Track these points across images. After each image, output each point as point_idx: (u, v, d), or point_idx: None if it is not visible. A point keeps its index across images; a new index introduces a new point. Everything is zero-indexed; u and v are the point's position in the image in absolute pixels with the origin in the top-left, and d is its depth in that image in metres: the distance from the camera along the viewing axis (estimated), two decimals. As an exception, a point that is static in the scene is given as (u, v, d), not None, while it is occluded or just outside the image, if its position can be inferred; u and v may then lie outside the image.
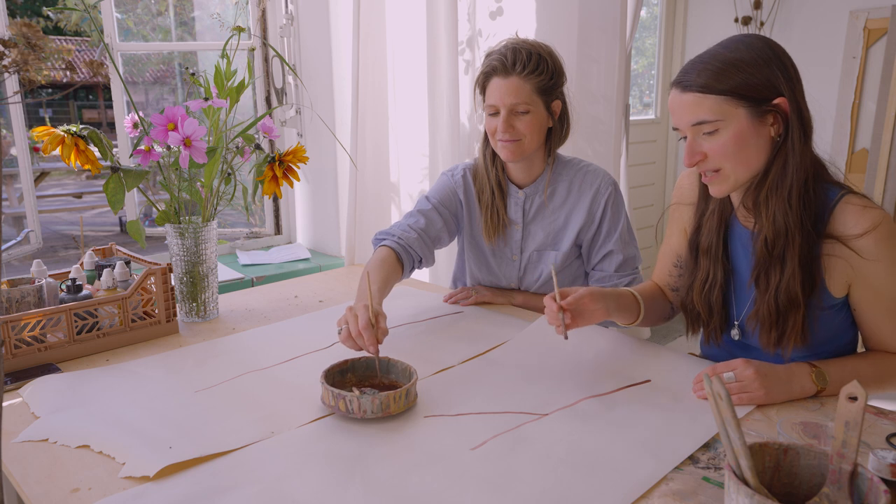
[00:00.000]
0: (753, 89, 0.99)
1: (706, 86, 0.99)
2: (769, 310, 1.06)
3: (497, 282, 1.58)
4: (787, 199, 1.01)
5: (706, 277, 1.16)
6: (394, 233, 1.47)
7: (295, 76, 2.51)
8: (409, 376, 1.06)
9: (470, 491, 0.81)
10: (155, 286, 1.36)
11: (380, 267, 1.36)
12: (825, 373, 1.02)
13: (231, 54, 1.45)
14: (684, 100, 1.02)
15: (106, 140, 1.32)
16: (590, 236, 1.47)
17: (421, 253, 1.47)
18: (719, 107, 0.99)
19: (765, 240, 1.04)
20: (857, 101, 2.96)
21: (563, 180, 1.49)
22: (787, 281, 1.03)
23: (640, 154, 3.60)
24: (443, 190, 1.56)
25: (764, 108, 1.00)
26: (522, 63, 1.35)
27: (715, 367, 1.06)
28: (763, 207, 1.04)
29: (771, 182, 1.03)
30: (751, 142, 1.01)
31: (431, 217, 1.51)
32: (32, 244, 2.26)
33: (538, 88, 1.37)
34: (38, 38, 0.54)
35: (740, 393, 1.01)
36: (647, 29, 3.71)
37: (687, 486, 0.81)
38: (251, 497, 0.80)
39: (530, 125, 1.38)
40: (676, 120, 1.05)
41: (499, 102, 1.38)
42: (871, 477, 0.63)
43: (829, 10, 2.97)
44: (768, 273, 1.06)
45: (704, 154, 1.03)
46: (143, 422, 0.99)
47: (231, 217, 3.05)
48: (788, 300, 1.04)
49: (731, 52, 1.00)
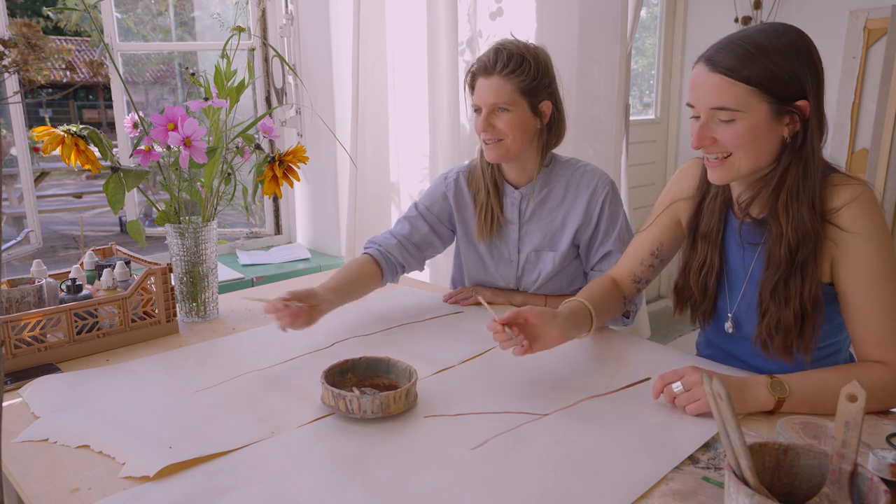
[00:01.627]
0: (782, 86, 0.97)
1: (736, 70, 0.96)
2: (795, 317, 1.03)
3: (495, 283, 1.58)
4: (811, 204, 1.00)
5: (703, 261, 1.15)
6: (377, 240, 1.53)
7: (295, 76, 2.51)
8: (409, 376, 1.06)
9: (470, 491, 0.81)
10: (155, 286, 1.36)
11: (344, 270, 1.44)
12: (784, 383, 0.97)
13: (231, 54, 1.45)
14: (710, 80, 0.99)
15: (106, 140, 1.32)
16: (587, 236, 1.47)
17: (402, 259, 1.51)
18: (744, 97, 0.97)
19: (788, 245, 1.01)
20: (857, 101, 2.96)
21: (560, 180, 1.49)
22: (810, 288, 1.01)
23: (640, 154, 3.60)
24: (432, 195, 1.58)
25: (786, 107, 0.98)
26: (503, 63, 1.36)
27: (663, 376, 1.02)
28: (783, 213, 1.02)
29: (791, 186, 1.01)
30: (763, 137, 0.99)
31: (416, 224, 1.55)
32: (32, 244, 2.26)
33: (520, 88, 1.37)
34: (38, 38, 0.54)
35: (689, 402, 0.98)
36: (647, 29, 3.71)
37: (687, 486, 0.81)
38: (251, 497, 0.80)
39: (510, 124, 1.38)
40: (696, 98, 1.02)
41: (481, 102, 1.40)
42: (871, 477, 0.63)
43: (829, 10, 2.97)
44: (788, 281, 1.03)
45: (714, 139, 1.01)
46: (143, 422, 0.99)
47: (231, 217, 3.05)
48: (813, 307, 1.02)
49: (769, 40, 0.97)
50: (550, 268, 1.49)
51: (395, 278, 1.53)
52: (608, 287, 1.26)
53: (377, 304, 1.55)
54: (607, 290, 1.25)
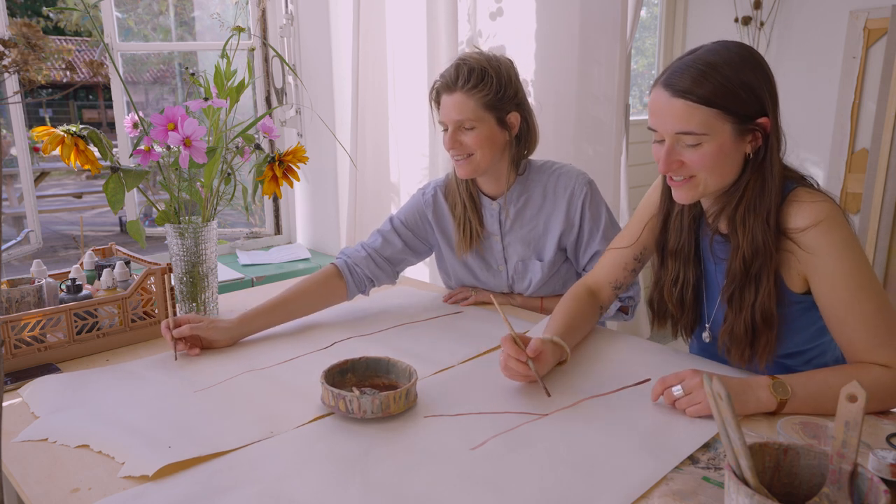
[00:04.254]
0: (740, 103, 0.97)
1: (693, 92, 0.97)
2: (745, 328, 1.05)
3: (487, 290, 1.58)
4: (765, 219, 1.01)
5: (676, 277, 1.16)
6: (347, 251, 1.51)
7: (295, 76, 2.51)
8: (409, 376, 1.06)
9: (470, 491, 0.81)
10: (155, 286, 1.36)
11: (298, 284, 1.43)
12: (786, 384, 0.96)
13: (231, 54, 1.45)
14: (673, 105, 0.99)
15: (106, 140, 1.32)
16: (573, 240, 1.47)
17: (370, 273, 1.49)
18: (708, 120, 0.97)
19: (742, 257, 1.03)
20: (857, 101, 2.96)
21: (537, 186, 1.48)
22: (762, 299, 1.03)
23: (640, 154, 3.59)
24: (410, 211, 1.56)
25: (749, 126, 0.99)
26: (464, 79, 1.35)
27: (664, 379, 1.01)
28: (741, 226, 1.03)
29: (749, 200, 1.02)
30: (729, 157, 1.00)
31: (390, 238, 1.53)
32: (32, 244, 2.26)
33: (484, 103, 1.36)
34: (38, 38, 0.54)
35: (690, 405, 0.97)
36: (647, 29, 3.71)
37: (687, 486, 0.81)
38: (251, 497, 0.80)
39: (477, 140, 1.37)
40: (659, 123, 1.02)
41: (446, 119, 1.39)
42: (871, 477, 0.63)
43: (829, 10, 2.97)
44: (742, 292, 1.05)
45: (682, 162, 1.02)
46: (142, 422, 0.99)
47: (231, 217, 3.05)
48: (763, 318, 1.04)
49: (717, 55, 0.98)
50: (540, 276, 1.49)
51: (365, 291, 1.51)
52: (583, 305, 1.25)
53: (377, 304, 1.55)
54: (583, 310, 1.24)
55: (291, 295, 1.40)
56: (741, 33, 3.17)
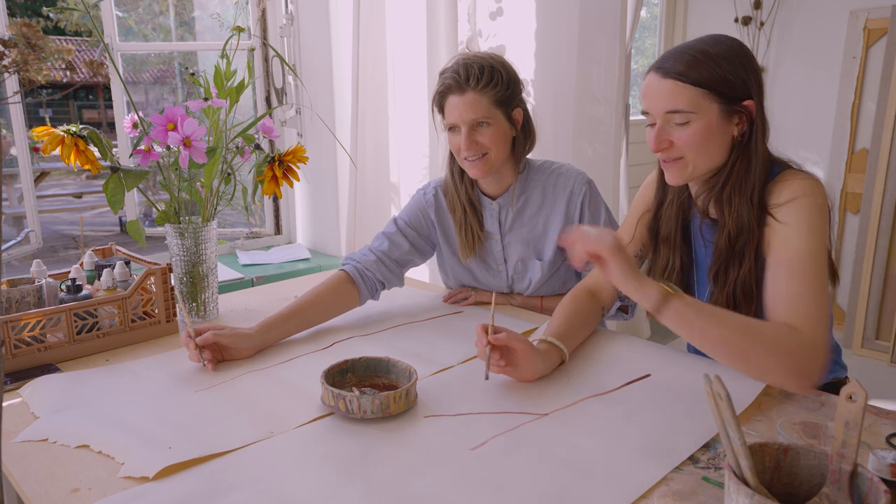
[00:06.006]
0: (730, 87, 1.04)
1: (686, 75, 1.03)
2: (727, 303, 1.10)
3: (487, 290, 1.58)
4: (749, 198, 1.06)
5: (666, 264, 1.21)
6: (354, 257, 1.49)
7: (295, 76, 2.51)
8: (408, 376, 1.06)
9: (470, 491, 0.81)
10: (155, 286, 1.36)
11: (311, 292, 1.39)
12: (681, 291, 0.99)
13: (231, 54, 1.45)
14: (663, 86, 1.05)
15: (106, 140, 1.32)
16: None
17: (381, 276, 1.47)
18: (695, 99, 1.03)
19: (728, 235, 1.08)
20: (857, 101, 2.96)
21: (537, 186, 1.48)
22: (744, 275, 1.08)
23: (640, 154, 3.60)
24: (413, 211, 1.55)
25: (735, 107, 1.05)
26: (476, 77, 1.34)
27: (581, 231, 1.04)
28: (727, 205, 1.08)
29: (735, 181, 1.08)
30: (717, 137, 1.06)
31: (396, 240, 1.51)
32: (32, 244, 2.26)
33: (495, 100, 1.36)
34: (38, 38, 0.54)
35: (595, 243, 1.00)
36: (647, 29, 3.71)
37: (687, 486, 0.81)
38: (251, 497, 0.80)
39: (493, 138, 1.37)
40: (650, 105, 1.08)
41: (458, 120, 1.37)
42: (871, 477, 0.63)
43: (829, 10, 2.97)
44: (727, 268, 1.10)
45: (671, 142, 1.07)
46: (142, 422, 0.99)
47: (231, 217, 3.06)
48: (744, 293, 1.08)
49: (712, 47, 1.05)
50: (539, 275, 1.49)
51: (376, 295, 1.49)
52: (584, 306, 1.26)
53: (377, 304, 1.55)
54: (582, 311, 1.25)
55: (307, 303, 1.36)
56: (741, 33, 3.17)
